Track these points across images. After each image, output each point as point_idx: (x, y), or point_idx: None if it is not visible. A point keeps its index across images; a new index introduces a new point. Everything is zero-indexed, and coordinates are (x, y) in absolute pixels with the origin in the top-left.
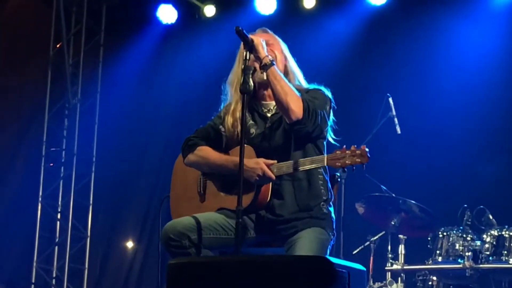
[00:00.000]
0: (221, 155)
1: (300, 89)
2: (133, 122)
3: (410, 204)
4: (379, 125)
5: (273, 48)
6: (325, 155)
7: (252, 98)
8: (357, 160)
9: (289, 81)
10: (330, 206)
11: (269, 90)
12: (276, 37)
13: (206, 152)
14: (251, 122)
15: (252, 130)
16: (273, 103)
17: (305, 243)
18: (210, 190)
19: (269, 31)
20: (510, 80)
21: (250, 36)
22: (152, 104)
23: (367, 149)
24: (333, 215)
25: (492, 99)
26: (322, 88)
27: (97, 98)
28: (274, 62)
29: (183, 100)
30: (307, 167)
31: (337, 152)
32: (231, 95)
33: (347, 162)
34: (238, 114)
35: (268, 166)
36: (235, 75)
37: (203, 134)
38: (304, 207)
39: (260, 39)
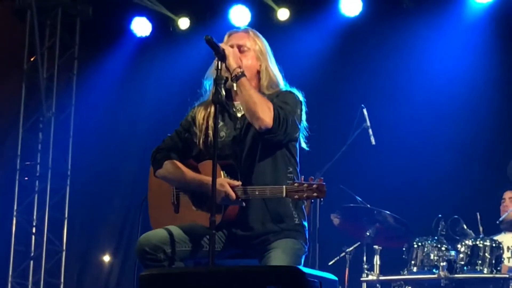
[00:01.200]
0: (188, 172)
1: (272, 94)
2: (108, 135)
3: (385, 215)
4: (353, 136)
5: (247, 54)
6: (284, 186)
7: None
8: (314, 194)
9: (265, 85)
10: (303, 216)
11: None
12: (257, 37)
13: (173, 167)
14: (221, 123)
15: (222, 134)
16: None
17: (278, 253)
18: (183, 202)
19: (250, 31)
20: (484, 91)
21: (222, 45)
22: (127, 117)
23: (324, 183)
24: (305, 224)
25: (467, 110)
26: (294, 90)
27: (72, 111)
28: (245, 73)
29: (158, 113)
30: (267, 196)
31: (295, 184)
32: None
33: (304, 195)
34: (210, 121)
35: (233, 188)
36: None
37: (171, 144)
38: (276, 221)
39: (231, 50)
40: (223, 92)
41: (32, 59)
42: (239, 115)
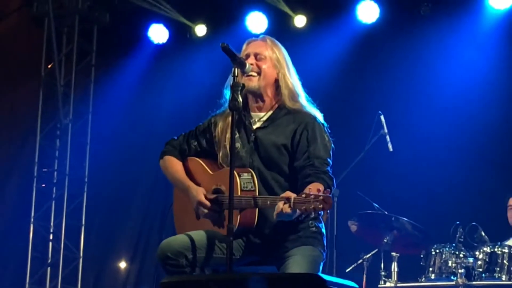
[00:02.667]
0: (178, 173)
1: (297, 111)
2: (125, 141)
3: (402, 222)
4: (371, 143)
5: (263, 62)
6: (292, 197)
7: (243, 108)
8: (319, 206)
9: (287, 95)
10: (320, 222)
11: (260, 102)
12: (275, 45)
13: (168, 164)
14: (237, 135)
15: (238, 144)
16: (262, 114)
17: (297, 260)
18: None
19: (268, 39)
20: (501, 98)
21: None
22: (144, 124)
23: (330, 195)
24: (323, 231)
25: (484, 117)
26: (321, 119)
27: (89, 118)
28: None
29: (175, 119)
30: (267, 206)
31: (303, 195)
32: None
33: (310, 207)
34: (228, 132)
35: (209, 200)
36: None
37: (178, 143)
38: (292, 229)
39: None
40: (240, 99)
41: (49, 66)
42: (254, 127)
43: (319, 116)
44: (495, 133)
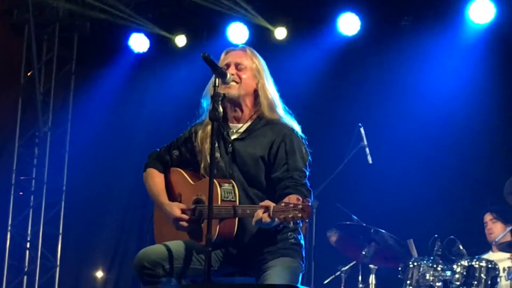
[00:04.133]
0: (156, 188)
1: (275, 122)
2: (104, 151)
3: (381, 234)
4: (350, 155)
5: (243, 72)
6: (272, 205)
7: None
8: (298, 214)
9: (266, 105)
10: (299, 234)
11: (238, 112)
12: (254, 56)
13: (149, 177)
14: (216, 144)
15: (217, 154)
16: (239, 125)
17: (277, 271)
18: None
19: (248, 49)
20: (480, 110)
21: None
22: (123, 133)
23: (309, 204)
24: (302, 242)
25: (463, 132)
26: (298, 130)
27: (68, 126)
28: None
29: (154, 129)
30: (246, 215)
31: (282, 204)
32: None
33: (289, 216)
34: (207, 142)
35: (187, 211)
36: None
37: (160, 155)
38: (271, 241)
39: None
40: (221, 109)
41: (29, 74)
42: (232, 138)
43: (297, 128)
44: (474, 149)
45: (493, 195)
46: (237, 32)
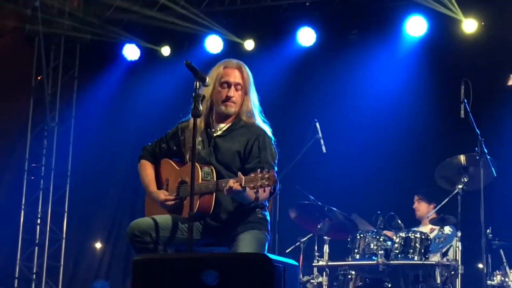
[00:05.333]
0: (147, 178)
1: (249, 125)
2: (103, 142)
3: (333, 211)
4: (308, 145)
5: (240, 91)
6: (243, 177)
7: (208, 117)
8: (265, 183)
9: (244, 111)
10: (265, 211)
11: (220, 115)
12: (247, 73)
13: (142, 168)
14: (200, 139)
15: (199, 147)
16: (222, 125)
17: (246, 243)
18: None
19: (243, 67)
20: (414, 108)
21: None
22: (118, 128)
23: (274, 174)
24: (268, 218)
25: (400, 124)
26: (269, 133)
27: (72, 122)
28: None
29: (144, 123)
30: (222, 189)
31: (251, 174)
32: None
33: (258, 184)
34: (190, 137)
35: (167, 197)
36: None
37: (152, 148)
38: (242, 216)
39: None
40: (201, 107)
41: (39, 78)
42: (215, 134)
43: (268, 131)
44: (408, 139)
45: (424, 179)
46: (214, 44)
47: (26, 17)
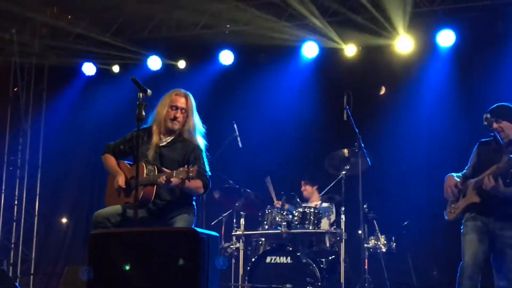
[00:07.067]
0: (112, 164)
1: (188, 141)
2: (66, 140)
3: (247, 192)
4: (228, 141)
5: (184, 114)
6: (174, 171)
7: (159, 131)
8: (190, 174)
9: (186, 130)
10: (193, 201)
11: (167, 130)
12: (191, 99)
13: (105, 160)
14: (148, 146)
15: (151, 152)
16: (167, 138)
17: (180, 223)
18: (122, 190)
19: (188, 96)
20: (307, 113)
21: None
22: (78, 129)
23: (196, 168)
24: (195, 206)
25: (299, 123)
26: (203, 147)
27: (42, 124)
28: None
29: (98, 126)
30: (160, 180)
31: (180, 169)
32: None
33: (181, 176)
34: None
35: (126, 180)
36: (158, 111)
37: (111, 147)
38: (176, 203)
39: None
40: (143, 113)
41: (15, 89)
42: (160, 144)
43: (202, 146)
44: (304, 136)
45: (316, 166)
46: (154, 63)
47: (3, 41)
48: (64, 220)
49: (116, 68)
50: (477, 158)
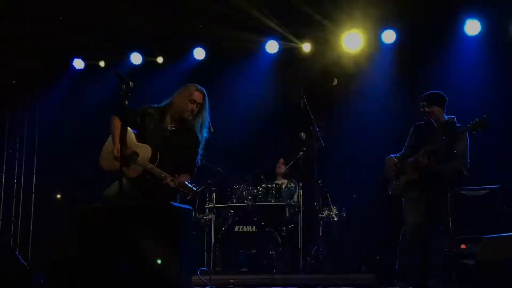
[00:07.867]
0: (116, 129)
1: (193, 134)
2: (59, 127)
3: (219, 171)
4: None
5: (200, 110)
6: (179, 181)
7: (166, 114)
8: (189, 193)
9: (195, 122)
10: None
11: (178, 117)
12: (205, 97)
13: (113, 123)
14: (159, 126)
15: (159, 136)
16: (175, 123)
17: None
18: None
19: (205, 93)
20: (272, 100)
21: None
22: (70, 117)
23: (195, 191)
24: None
25: (267, 110)
26: (201, 139)
27: (37, 113)
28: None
29: (87, 115)
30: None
31: (185, 183)
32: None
33: (184, 191)
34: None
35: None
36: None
37: (126, 114)
38: (163, 187)
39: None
40: (126, 102)
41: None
42: (168, 128)
43: (202, 137)
44: (270, 122)
45: (280, 147)
46: (136, 58)
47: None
48: (58, 195)
49: (102, 63)
50: (414, 138)
